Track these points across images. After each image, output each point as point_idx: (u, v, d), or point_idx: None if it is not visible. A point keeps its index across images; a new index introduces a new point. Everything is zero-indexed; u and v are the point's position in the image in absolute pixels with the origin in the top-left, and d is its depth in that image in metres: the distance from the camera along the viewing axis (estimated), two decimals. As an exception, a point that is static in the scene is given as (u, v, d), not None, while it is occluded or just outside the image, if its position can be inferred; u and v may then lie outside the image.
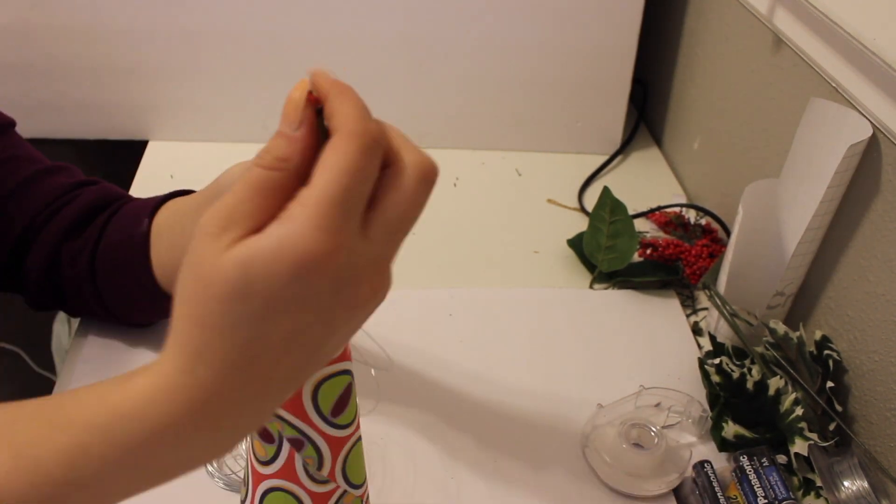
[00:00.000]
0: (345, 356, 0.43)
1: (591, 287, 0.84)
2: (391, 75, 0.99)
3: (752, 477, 0.60)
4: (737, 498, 0.60)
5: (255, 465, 0.44)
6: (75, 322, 0.76)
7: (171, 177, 0.96)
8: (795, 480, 0.63)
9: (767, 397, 0.65)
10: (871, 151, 0.63)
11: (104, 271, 0.65)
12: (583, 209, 0.96)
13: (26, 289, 0.68)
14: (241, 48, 0.96)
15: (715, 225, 0.90)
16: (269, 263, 0.29)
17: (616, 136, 1.06)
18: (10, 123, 0.68)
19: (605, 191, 0.82)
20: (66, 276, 0.66)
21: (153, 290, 0.63)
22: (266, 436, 0.42)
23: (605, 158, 1.06)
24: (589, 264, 0.86)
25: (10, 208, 0.65)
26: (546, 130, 1.06)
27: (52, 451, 0.31)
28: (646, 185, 1.02)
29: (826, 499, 0.60)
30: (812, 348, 0.67)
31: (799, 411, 0.63)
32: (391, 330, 0.76)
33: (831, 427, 0.63)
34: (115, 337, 0.72)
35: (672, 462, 0.64)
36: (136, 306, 0.67)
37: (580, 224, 0.92)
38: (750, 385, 0.65)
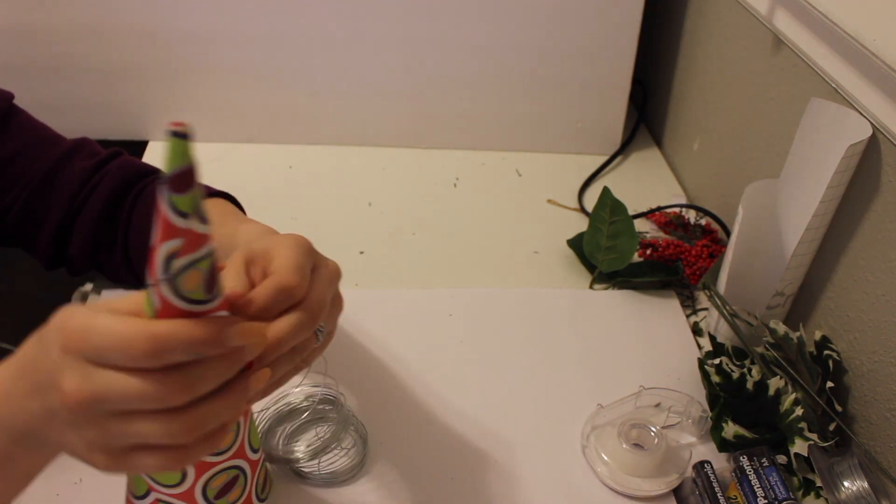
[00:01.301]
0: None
1: (591, 287, 0.84)
2: (391, 75, 0.99)
3: (752, 477, 0.60)
4: (737, 498, 0.60)
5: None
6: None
7: (171, 177, 0.96)
8: (795, 480, 0.63)
9: (767, 397, 0.65)
10: (870, 151, 0.63)
11: (137, 258, 0.69)
12: (583, 209, 0.96)
13: (72, 269, 0.73)
14: (242, 49, 0.96)
15: (715, 225, 0.90)
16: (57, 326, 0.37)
17: (616, 136, 1.07)
18: (9, 97, 0.69)
19: (605, 191, 0.82)
20: (104, 262, 0.72)
21: None
22: None
23: (605, 159, 1.06)
24: (589, 264, 0.86)
25: (41, 203, 0.68)
26: (546, 130, 1.06)
27: None
28: (646, 185, 1.02)
29: (826, 499, 0.60)
30: (812, 349, 0.67)
31: (799, 411, 0.63)
32: (392, 330, 0.76)
33: (831, 427, 0.63)
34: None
35: (672, 462, 0.64)
36: None
37: (580, 224, 0.92)
38: (750, 385, 0.65)
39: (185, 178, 0.33)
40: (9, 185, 0.67)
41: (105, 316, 0.36)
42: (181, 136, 0.32)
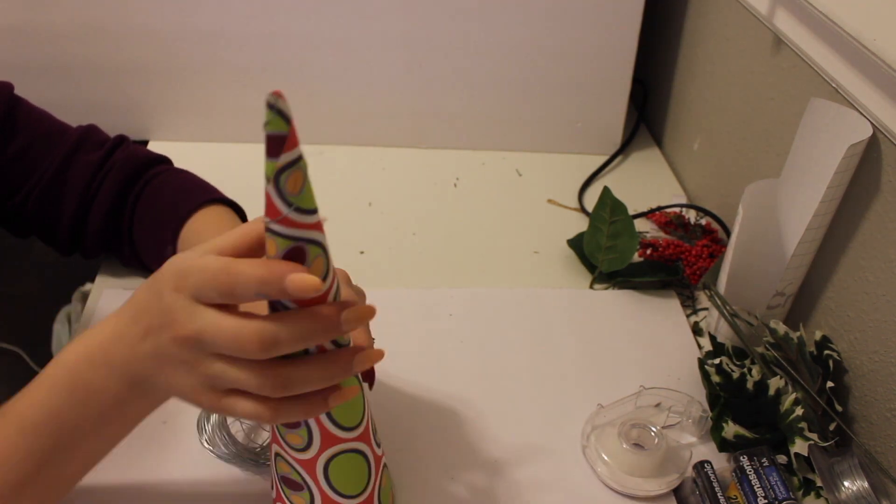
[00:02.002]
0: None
1: (591, 287, 0.84)
2: (391, 75, 0.99)
3: (752, 477, 0.60)
4: (737, 498, 0.60)
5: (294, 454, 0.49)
6: (75, 322, 0.77)
7: (172, 177, 0.96)
8: (795, 480, 0.63)
9: (767, 397, 0.65)
10: (871, 151, 0.63)
11: (144, 250, 0.72)
12: (583, 209, 0.96)
13: (87, 255, 0.75)
14: (242, 48, 0.96)
15: (715, 225, 0.90)
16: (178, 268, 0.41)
17: (616, 136, 1.07)
18: (9, 89, 0.70)
19: (606, 191, 0.82)
20: (115, 252, 0.75)
21: None
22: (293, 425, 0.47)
23: (605, 158, 1.06)
24: (589, 264, 0.86)
25: (54, 199, 0.70)
26: (546, 130, 1.06)
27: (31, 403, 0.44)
28: (646, 185, 1.02)
29: (826, 499, 0.60)
30: (812, 348, 0.67)
31: (799, 411, 0.63)
32: (392, 330, 0.76)
33: (831, 427, 0.63)
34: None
35: (672, 462, 0.64)
36: None
37: (580, 224, 0.92)
38: (750, 385, 0.65)
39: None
40: (20, 181, 0.69)
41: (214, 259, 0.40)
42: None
